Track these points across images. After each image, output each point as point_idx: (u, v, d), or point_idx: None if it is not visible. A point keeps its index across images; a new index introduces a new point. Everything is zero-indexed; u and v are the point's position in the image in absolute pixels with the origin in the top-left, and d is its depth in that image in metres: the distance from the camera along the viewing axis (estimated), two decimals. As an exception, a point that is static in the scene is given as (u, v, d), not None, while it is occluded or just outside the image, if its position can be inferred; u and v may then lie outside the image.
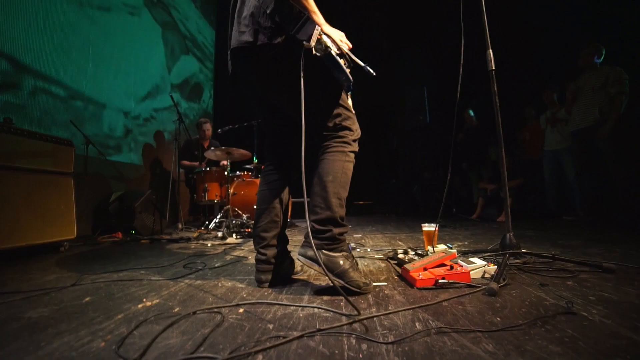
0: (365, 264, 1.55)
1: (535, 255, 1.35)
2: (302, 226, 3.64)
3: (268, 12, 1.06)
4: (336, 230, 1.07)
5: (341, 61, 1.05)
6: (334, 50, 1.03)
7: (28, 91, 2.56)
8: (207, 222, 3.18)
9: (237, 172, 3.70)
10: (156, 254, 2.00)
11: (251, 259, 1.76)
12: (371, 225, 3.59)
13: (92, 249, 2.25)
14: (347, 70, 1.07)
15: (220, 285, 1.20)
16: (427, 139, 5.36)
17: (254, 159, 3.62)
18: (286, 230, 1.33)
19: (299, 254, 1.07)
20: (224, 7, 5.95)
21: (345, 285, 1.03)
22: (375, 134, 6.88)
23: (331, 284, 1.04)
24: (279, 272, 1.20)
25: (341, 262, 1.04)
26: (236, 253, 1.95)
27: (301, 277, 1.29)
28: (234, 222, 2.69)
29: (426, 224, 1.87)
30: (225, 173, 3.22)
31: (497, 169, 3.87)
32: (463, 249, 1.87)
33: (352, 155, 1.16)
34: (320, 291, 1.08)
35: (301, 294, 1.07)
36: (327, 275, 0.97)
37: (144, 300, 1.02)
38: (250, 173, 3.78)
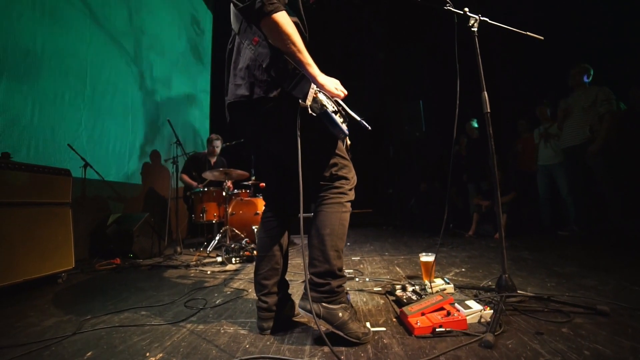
0: (364, 300, 1.57)
1: (531, 298, 1.37)
2: (300, 245, 3.65)
3: (264, 66, 1.08)
4: (334, 283, 1.09)
5: (337, 117, 1.07)
6: (329, 108, 1.05)
7: (26, 115, 2.56)
8: (205, 243, 3.18)
9: (235, 190, 3.71)
10: (156, 285, 2.00)
11: (251, 291, 1.77)
12: (369, 242, 3.61)
13: (90, 278, 2.25)
14: (344, 125, 1.10)
15: (222, 331, 1.22)
16: (423, 150, 5.42)
17: (252, 176, 3.64)
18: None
19: (300, 307, 1.09)
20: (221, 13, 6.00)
21: (345, 336, 1.05)
22: (371, 143, 6.95)
23: (331, 331, 1.06)
24: (280, 318, 1.22)
25: (340, 314, 1.06)
26: (236, 284, 1.96)
27: (302, 320, 1.31)
28: (232, 245, 2.70)
29: (424, 254, 1.89)
30: (224, 193, 3.23)
31: (492, 184, 3.93)
32: (460, 278, 1.90)
33: (349, 204, 1.19)
34: (320, 339, 1.10)
35: (303, 344, 1.09)
36: (323, 337, 0.96)
37: (147, 355, 1.03)
38: (248, 191, 3.79)
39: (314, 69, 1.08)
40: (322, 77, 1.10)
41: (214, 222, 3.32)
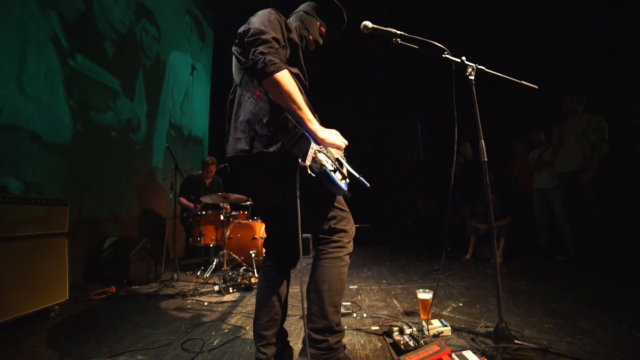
0: (362, 343, 1.56)
1: (529, 348, 1.37)
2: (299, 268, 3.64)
3: (264, 121, 1.11)
4: (332, 340, 1.09)
5: (336, 176, 1.09)
6: (329, 168, 1.07)
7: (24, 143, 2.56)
8: (202, 267, 3.15)
9: (233, 212, 3.71)
10: (152, 320, 1.97)
11: (249, 329, 1.75)
12: (367, 266, 3.60)
13: (84, 310, 2.21)
14: (342, 183, 1.11)
15: (218, 384, 1.20)
16: (419, 169, 5.46)
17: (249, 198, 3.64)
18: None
19: None
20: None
21: (343, 396, 1.04)
22: (368, 160, 7.00)
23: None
24: (278, 368, 1.21)
25: (339, 372, 1.06)
26: (234, 320, 1.94)
27: (300, 370, 1.29)
28: (230, 273, 2.68)
29: (421, 291, 1.89)
30: (222, 217, 3.22)
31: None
32: (457, 315, 1.90)
33: (347, 257, 1.20)
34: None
35: (300, 402, 1.08)
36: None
37: (143, 417, 1.01)
38: (246, 212, 3.79)
39: (314, 124, 1.11)
40: (322, 132, 1.13)
41: (211, 245, 3.30)
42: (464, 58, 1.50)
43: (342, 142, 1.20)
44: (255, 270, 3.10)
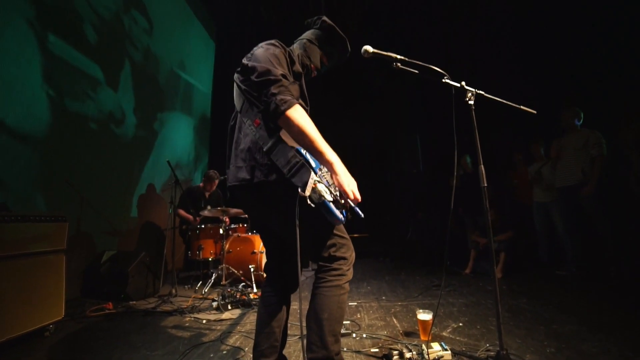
0: (363, 368, 1.54)
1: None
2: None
3: (264, 149, 1.11)
4: (332, 371, 1.08)
5: (335, 206, 1.09)
6: (327, 199, 1.07)
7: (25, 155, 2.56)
8: (201, 282, 3.13)
9: (233, 224, 3.70)
10: (149, 340, 1.95)
11: (248, 351, 1.73)
12: (366, 281, 3.58)
13: (81, 329, 2.18)
14: (341, 216, 1.11)
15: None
16: (420, 182, 5.47)
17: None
18: None
19: None
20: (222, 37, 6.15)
21: None
22: (369, 170, 7.01)
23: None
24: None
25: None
26: (232, 340, 1.92)
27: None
28: (228, 289, 2.66)
29: (421, 312, 1.88)
30: (221, 231, 3.22)
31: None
32: (457, 337, 1.88)
33: (347, 285, 1.20)
34: None
35: None
36: None
37: None
38: (245, 225, 3.78)
39: (329, 156, 1.08)
40: (339, 167, 1.09)
41: (210, 259, 3.28)
42: (463, 83, 1.52)
43: (357, 197, 1.10)
44: (254, 285, 3.08)
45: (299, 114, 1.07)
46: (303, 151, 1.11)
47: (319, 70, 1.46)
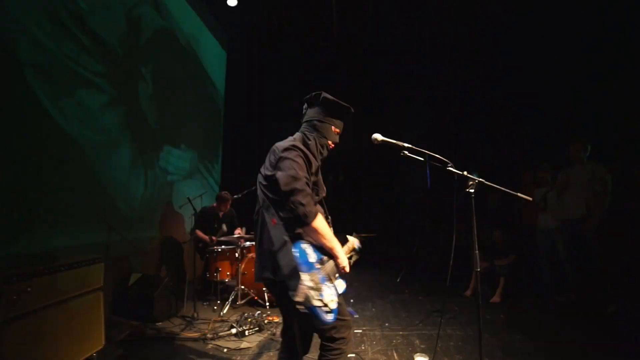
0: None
1: None
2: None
3: (273, 249, 1.31)
4: None
5: (323, 310, 1.26)
6: (315, 304, 1.23)
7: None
8: (219, 302, 3.42)
9: (248, 243, 3.93)
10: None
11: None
12: (372, 300, 3.80)
13: (120, 356, 2.48)
14: (329, 316, 1.28)
15: None
16: (427, 201, 5.60)
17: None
18: None
19: None
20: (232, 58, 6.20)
21: None
22: (376, 176, 7.14)
23: None
24: None
25: None
26: (250, 376, 2.18)
27: None
28: (245, 315, 2.93)
29: (419, 355, 2.10)
30: (236, 254, 3.47)
31: (492, 243, 4.08)
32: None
33: (348, 348, 1.43)
34: None
35: None
36: None
37: None
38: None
39: (337, 250, 1.40)
40: (342, 254, 1.43)
41: (226, 281, 3.56)
42: (465, 172, 1.64)
43: (345, 269, 1.44)
44: (267, 304, 3.39)
45: (320, 224, 1.34)
46: (301, 252, 1.28)
47: (337, 143, 1.62)
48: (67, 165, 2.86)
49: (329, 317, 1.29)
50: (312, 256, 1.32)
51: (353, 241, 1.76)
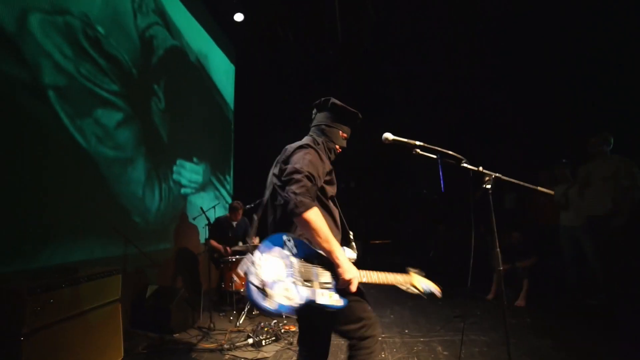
0: None
1: None
2: None
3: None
4: None
5: (259, 290, 1.13)
6: (252, 278, 1.11)
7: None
8: (235, 312, 3.40)
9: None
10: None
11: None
12: (390, 307, 3.70)
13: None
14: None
15: None
16: (440, 201, 5.49)
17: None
18: None
19: None
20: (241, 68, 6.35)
21: None
22: (388, 180, 7.07)
23: None
24: None
25: None
26: (269, 387, 2.13)
27: None
28: (261, 324, 2.90)
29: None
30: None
31: (510, 245, 3.92)
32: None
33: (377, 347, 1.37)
34: None
35: None
36: None
37: None
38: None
39: (336, 255, 1.25)
40: (345, 263, 1.27)
41: (241, 291, 3.53)
42: (481, 168, 1.59)
43: (352, 284, 1.28)
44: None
45: (314, 217, 1.22)
46: (279, 239, 1.23)
47: (344, 148, 1.61)
48: (85, 181, 2.96)
49: (262, 303, 1.10)
50: (290, 247, 1.22)
51: (416, 279, 1.72)
